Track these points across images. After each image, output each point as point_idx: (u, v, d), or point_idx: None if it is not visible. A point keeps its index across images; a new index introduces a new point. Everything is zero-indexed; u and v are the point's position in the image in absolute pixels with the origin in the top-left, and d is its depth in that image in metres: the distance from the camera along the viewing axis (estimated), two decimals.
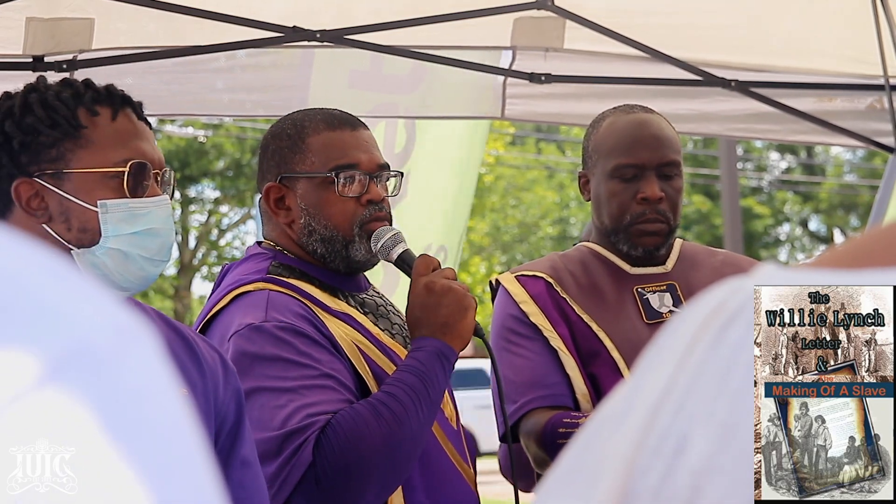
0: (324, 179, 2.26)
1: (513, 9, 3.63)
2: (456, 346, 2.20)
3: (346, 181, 2.26)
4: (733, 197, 14.79)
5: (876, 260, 0.66)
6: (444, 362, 2.18)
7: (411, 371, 2.14)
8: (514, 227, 23.82)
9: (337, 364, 2.14)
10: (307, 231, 2.27)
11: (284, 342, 2.11)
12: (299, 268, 2.27)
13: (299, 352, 2.10)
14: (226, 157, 22.54)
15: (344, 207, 2.26)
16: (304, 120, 2.32)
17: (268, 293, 2.17)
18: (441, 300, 2.19)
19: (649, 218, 2.57)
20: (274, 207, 2.30)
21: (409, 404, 2.10)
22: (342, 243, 2.26)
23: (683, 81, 3.92)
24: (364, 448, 2.05)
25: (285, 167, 2.29)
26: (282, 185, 2.29)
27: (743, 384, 0.64)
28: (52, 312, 0.54)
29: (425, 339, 2.19)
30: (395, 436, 2.07)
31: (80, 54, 3.36)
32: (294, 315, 2.14)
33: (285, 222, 2.29)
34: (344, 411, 2.07)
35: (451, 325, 2.19)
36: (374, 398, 2.11)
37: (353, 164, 2.26)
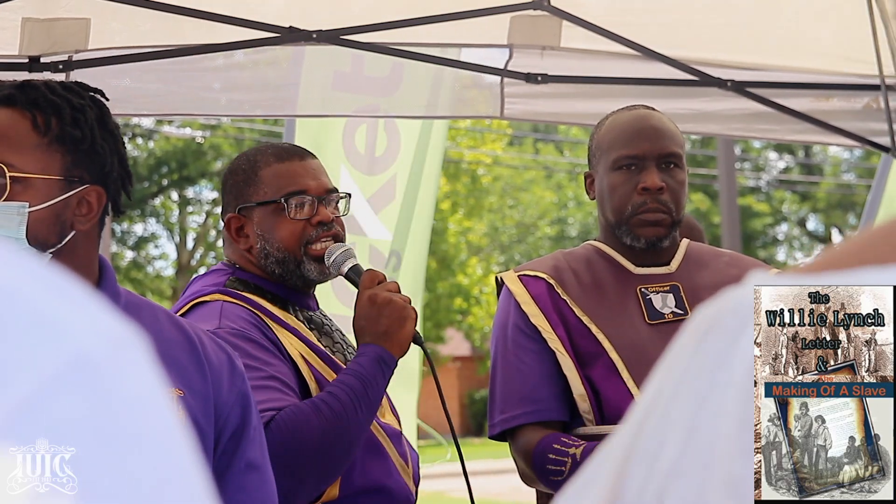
0: (276, 206, 2.49)
1: (509, 9, 3.63)
2: (395, 352, 2.39)
3: (296, 206, 2.48)
4: (731, 196, 14.80)
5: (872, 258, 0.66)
6: (384, 367, 2.37)
7: (352, 374, 2.34)
8: (512, 227, 23.84)
9: (283, 368, 2.33)
10: (263, 254, 2.49)
11: (235, 347, 2.23)
12: (255, 283, 2.49)
13: (249, 355, 2.27)
14: (223, 158, 22.54)
15: (294, 229, 2.48)
16: (256, 155, 2.56)
17: (221, 303, 2.39)
18: (382, 311, 2.39)
19: (650, 208, 2.57)
20: (235, 235, 2.53)
21: (349, 403, 2.28)
22: (294, 263, 2.48)
23: (680, 81, 3.92)
24: (303, 441, 2.23)
25: (242, 199, 2.52)
26: (240, 215, 2.52)
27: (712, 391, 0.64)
28: (49, 324, 0.55)
29: (367, 346, 2.39)
30: (334, 430, 2.26)
31: (76, 54, 3.36)
32: (244, 322, 2.35)
33: (244, 248, 2.51)
34: (288, 408, 2.25)
35: (391, 333, 2.38)
36: (317, 397, 2.30)
37: (301, 189, 2.49)
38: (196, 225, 23.88)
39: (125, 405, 0.56)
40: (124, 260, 23.16)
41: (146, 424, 0.57)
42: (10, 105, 1.82)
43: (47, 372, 0.54)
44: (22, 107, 1.82)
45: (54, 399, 0.54)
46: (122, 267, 22.64)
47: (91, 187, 1.86)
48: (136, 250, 23.52)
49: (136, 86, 3.57)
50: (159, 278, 23.75)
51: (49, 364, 0.54)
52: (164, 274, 23.98)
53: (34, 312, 0.55)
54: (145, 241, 23.51)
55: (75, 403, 0.54)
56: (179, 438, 0.58)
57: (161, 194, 23.29)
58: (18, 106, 1.82)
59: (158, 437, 0.57)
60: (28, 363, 0.54)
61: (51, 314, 0.56)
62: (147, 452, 0.56)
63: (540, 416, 2.54)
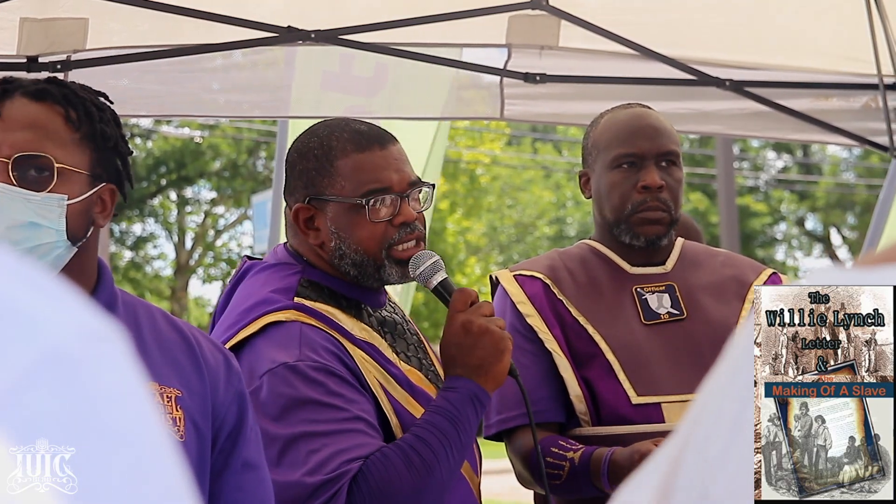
0: (354, 204, 2.23)
1: (508, 8, 3.63)
2: (490, 388, 2.18)
3: (376, 204, 2.23)
4: (730, 196, 14.80)
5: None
6: (477, 405, 2.15)
7: (443, 414, 2.13)
8: (510, 227, 23.83)
9: (366, 405, 2.13)
10: (338, 254, 2.25)
11: (317, 383, 2.11)
12: (328, 286, 2.27)
13: (331, 392, 2.10)
14: (222, 158, 22.53)
15: (374, 231, 2.23)
16: (331, 139, 2.27)
17: (300, 328, 2.15)
18: (477, 341, 2.17)
19: (650, 206, 2.57)
20: (304, 227, 2.28)
21: (440, 450, 2.09)
22: (373, 267, 2.25)
23: (679, 81, 3.92)
24: (394, 495, 2.06)
25: (314, 189, 2.26)
26: (311, 205, 2.27)
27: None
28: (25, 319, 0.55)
29: (459, 380, 2.17)
30: (425, 483, 2.07)
31: (75, 55, 3.35)
32: (326, 352, 2.14)
33: (315, 243, 2.27)
34: (375, 457, 2.07)
35: (486, 367, 2.17)
36: (405, 442, 2.10)
37: (385, 187, 2.24)
38: (195, 225, 23.86)
39: (99, 400, 0.56)
40: (123, 260, 23.15)
41: (121, 419, 0.56)
42: (44, 99, 1.84)
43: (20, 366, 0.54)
44: (55, 102, 1.84)
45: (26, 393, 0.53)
46: (120, 267, 22.62)
47: (107, 185, 1.89)
48: (134, 250, 23.51)
49: (134, 86, 3.58)
50: (158, 278, 23.74)
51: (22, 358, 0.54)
52: (163, 274, 23.96)
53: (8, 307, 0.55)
54: (144, 241, 23.50)
55: (48, 398, 0.54)
56: (156, 434, 0.58)
57: (159, 194, 23.28)
58: (52, 101, 1.84)
59: (134, 432, 0.57)
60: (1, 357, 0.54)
61: (25, 309, 0.56)
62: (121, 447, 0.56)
63: (537, 417, 2.52)
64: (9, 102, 1.82)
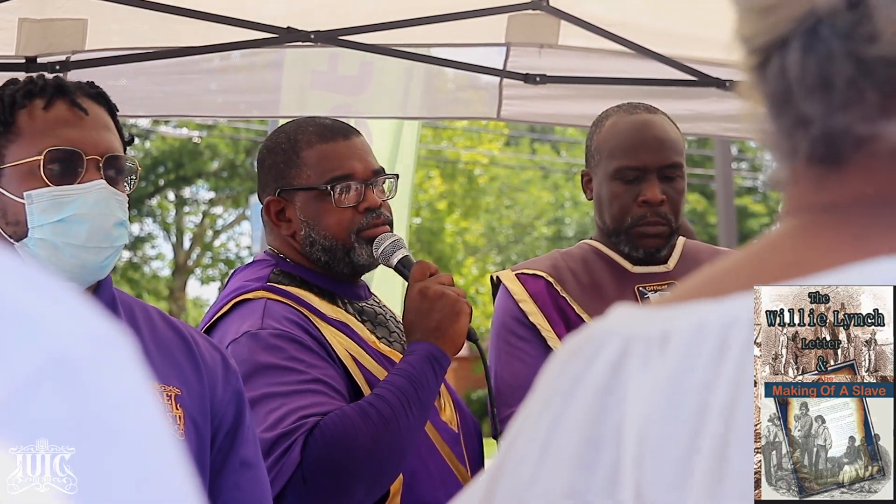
0: (321, 192, 2.34)
1: (507, 9, 3.63)
2: (448, 349, 2.26)
3: (342, 191, 2.34)
4: (728, 196, 14.80)
5: (732, 286, 0.68)
6: (436, 365, 2.24)
7: (402, 374, 2.21)
8: (508, 227, 23.84)
9: (330, 370, 2.20)
10: (309, 242, 2.36)
11: (278, 348, 2.18)
12: (300, 275, 2.36)
13: (292, 357, 2.18)
14: (220, 158, 22.53)
15: (341, 217, 2.34)
16: (297, 133, 2.39)
17: (265, 301, 2.25)
18: (434, 305, 2.27)
19: (650, 221, 2.57)
20: (275, 220, 2.39)
21: (398, 406, 2.16)
22: (343, 251, 2.35)
23: (678, 82, 3.92)
24: (350, 448, 2.11)
25: (283, 181, 2.38)
26: (281, 198, 2.38)
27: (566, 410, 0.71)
28: (30, 322, 0.55)
29: (418, 343, 2.26)
30: (382, 436, 2.13)
31: (73, 55, 3.35)
32: (288, 322, 2.22)
33: (287, 234, 2.38)
34: (333, 413, 2.13)
35: (443, 329, 2.26)
36: (364, 400, 2.17)
37: (348, 174, 2.34)
38: (193, 225, 23.86)
39: (106, 404, 0.56)
40: (121, 260, 23.15)
41: (128, 423, 0.56)
42: (90, 97, 1.89)
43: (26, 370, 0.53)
44: (97, 100, 1.89)
45: (32, 398, 0.53)
46: (118, 267, 22.62)
47: None
48: (132, 250, 23.50)
49: (132, 87, 3.57)
50: (156, 278, 23.74)
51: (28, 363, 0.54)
52: (161, 274, 23.96)
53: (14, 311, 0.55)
54: (142, 242, 23.50)
55: (54, 402, 0.54)
56: (163, 436, 0.57)
57: (157, 194, 23.28)
58: (95, 99, 1.89)
59: (140, 436, 0.57)
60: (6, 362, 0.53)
61: (31, 312, 0.55)
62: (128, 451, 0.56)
63: None
64: (86, 101, 1.87)
